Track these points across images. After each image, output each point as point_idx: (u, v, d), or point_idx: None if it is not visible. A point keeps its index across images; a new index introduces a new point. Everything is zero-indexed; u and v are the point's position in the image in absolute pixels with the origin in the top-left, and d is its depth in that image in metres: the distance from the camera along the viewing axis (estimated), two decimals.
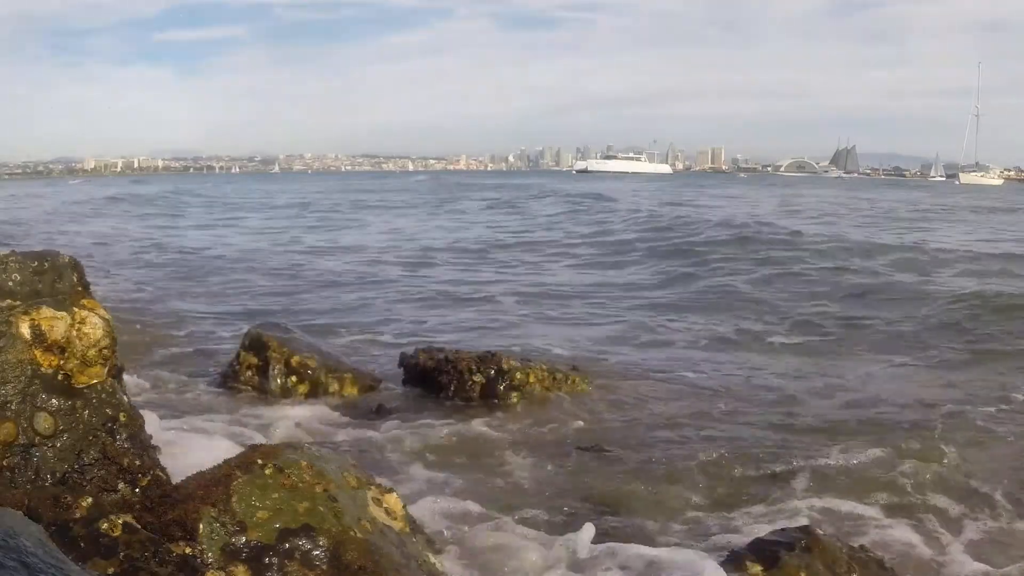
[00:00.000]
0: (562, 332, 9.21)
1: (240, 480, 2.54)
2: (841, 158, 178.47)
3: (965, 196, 48.60)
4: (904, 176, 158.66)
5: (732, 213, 26.90)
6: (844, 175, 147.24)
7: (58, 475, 2.59)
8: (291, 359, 6.22)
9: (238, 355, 6.38)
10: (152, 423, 3.38)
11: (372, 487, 2.88)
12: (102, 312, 2.82)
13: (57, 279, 2.84)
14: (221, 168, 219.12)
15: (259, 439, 5.43)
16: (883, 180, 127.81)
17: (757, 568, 2.95)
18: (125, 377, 3.17)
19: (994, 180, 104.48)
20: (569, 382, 6.15)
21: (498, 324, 9.80)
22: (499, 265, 16.09)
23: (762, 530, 3.63)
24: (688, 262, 15.46)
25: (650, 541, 3.63)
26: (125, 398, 2.89)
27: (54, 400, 2.65)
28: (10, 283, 2.74)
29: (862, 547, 3.33)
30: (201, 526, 2.39)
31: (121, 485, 2.64)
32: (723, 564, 3.06)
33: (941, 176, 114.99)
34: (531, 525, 3.94)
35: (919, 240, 18.98)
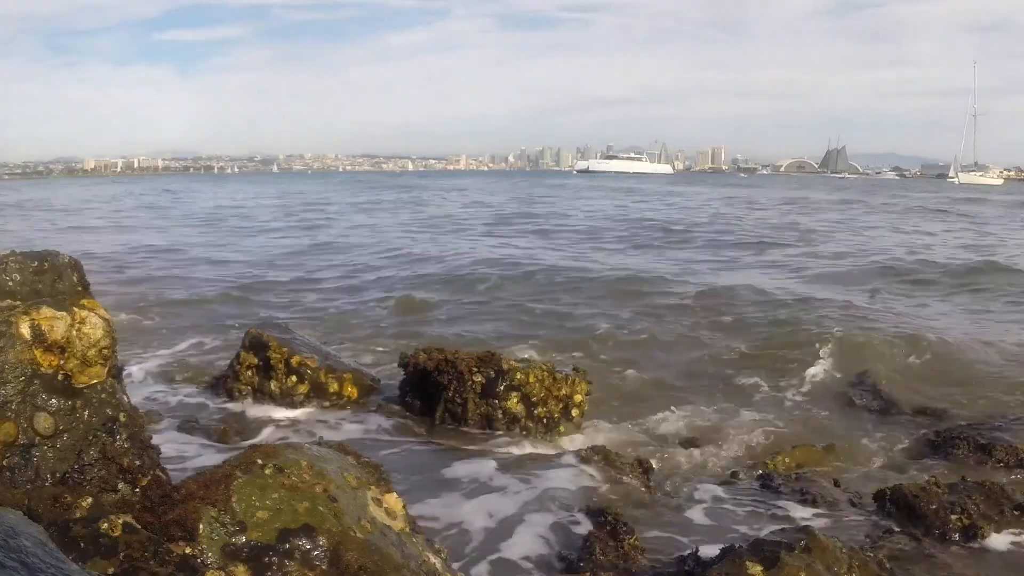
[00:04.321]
0: None
1: (240, 480, 2.54)
2: (832, 159, 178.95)
3: None
4: (904, 176, 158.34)
5: None
6: (849, 175, 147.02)
7: (58, 475, 2.59)
8: (291, 359, 6.22)
9: (238, 355, 6.38)
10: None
11: (372, 487, 2.87)
12: (102, 312, 2.82)
13: (57, 279, 2.83)
14: (220, 168, 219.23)
15: (259, 439, 5.44)
16: (893, 181, 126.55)
17: (757, 568, 2.94)
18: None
19: (994, 180, 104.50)
20: (570, 383, 6.14)
21: None
22: None
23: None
24: None
25: None
26: (125, 398, 2.89)
27: (54, 400, 2.65)
28: (10, 283, 2.73)
29: (862, 547, 3.33)
30: (201, 526, 2.39)
31: (121, 485, 2.64)
32: (721, 565, 3.05)
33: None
34: None
35: None
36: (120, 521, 2.28)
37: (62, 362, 2.68)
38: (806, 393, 7.48)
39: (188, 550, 2.32)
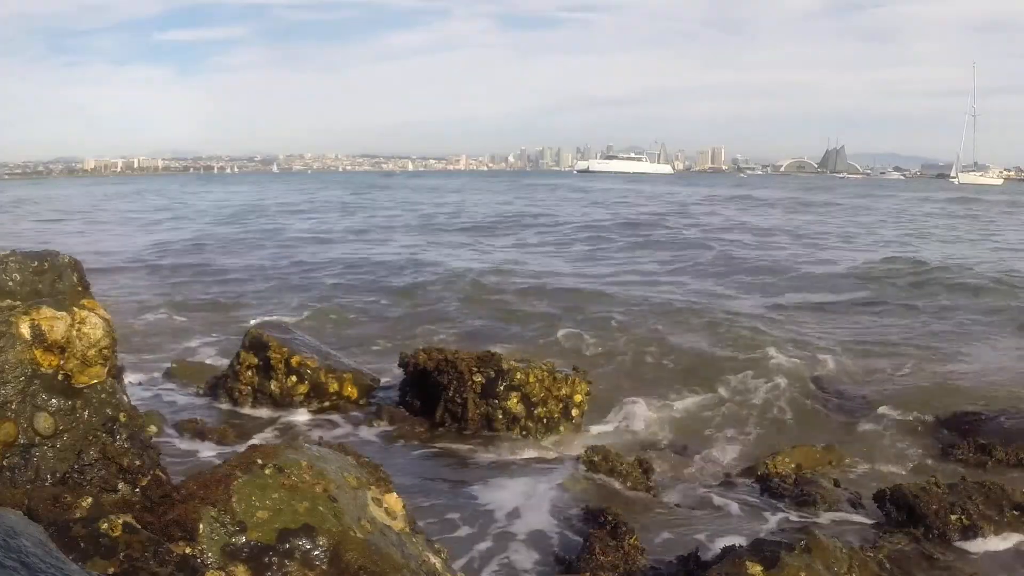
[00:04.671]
0: None
1: (240, 480, 2.53)
2: (831, 159, 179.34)
3: None
4: (904, 177, 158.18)
5: None
6: (849, 175, 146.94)
7: (58, 475, 2.58)
8: (291, 359, 6.21)
9: (238, 355, 6.37)
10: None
11: (372, 487, 2.87)
12: (102, 312, 2.81)
13: (57, 279, 2.83)
14: (220, 168, 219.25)
15: (259, 439, 5.44)
16: (898, 182, 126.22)
17: (757, 568, 2.94)
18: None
19: (994, 180, 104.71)
20: (570, 383, 6.14)
21: None
22: None
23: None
24: None
25: None
26: (125, 398, 2.89)
27: (54, 400, 2.65)
28: (10, 283, 2.73)
29: (862, 547, 3.33)
30: (201, 526, 2.39)
31: (121, 485, 2.64)
32: (722, 565, 3.05)
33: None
34: None
35: None
36: (120, 521, 2.27)
37: (62, 362, 2.68)
38: (805, 394, 7.48)
39: (188, 550, 2.32)
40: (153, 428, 4.94)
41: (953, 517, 4.25)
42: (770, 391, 7.53)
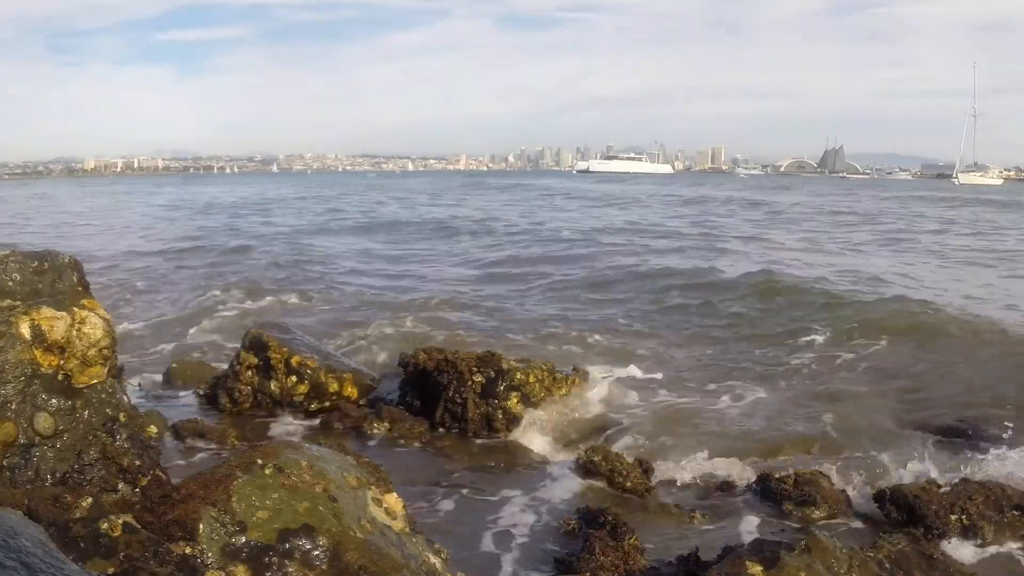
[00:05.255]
0: None
1: (240, 480, 2.53)
2: (830, 159, 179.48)
3: None
4: (911, 177, 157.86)
5: None
6: (849, 175, 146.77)
7: (58, 475, 2.59)
8: (291, 359, 6.21)
9: (238, 355, 6.36)
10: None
11: (372, 487, 2.87)
12: (102, 312, 2.82)
13: (57, 279, 2.83)
14: (220, 168, 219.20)
15: (259, 439, 5.44)
16: (904, 182, 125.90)
17: (757, 568, 2.94)
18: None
19: (994, 180, 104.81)
20: (570, 383, 6.14)
21: None
22: None
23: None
24: None
25: None
26: (125, 398, 2.89)
27: (54, 400, 2.65)
28: (10, 283, 2.73)
29: (862, 547, 3.33)
30: (201, 526, 2.39)
31: (121, 485, 2.64)
32: (722, 565, 3.05)
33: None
34: None
35: None
36: (120, 521, 2.27)
37: (62, 362, 2.68)
38: (805, 394, 7.47)
39: (188, 550, 2.32)
40: (153, 428, 4.94)
41: (953, 517, 4.25)
42: (771, 391, 7.53)
